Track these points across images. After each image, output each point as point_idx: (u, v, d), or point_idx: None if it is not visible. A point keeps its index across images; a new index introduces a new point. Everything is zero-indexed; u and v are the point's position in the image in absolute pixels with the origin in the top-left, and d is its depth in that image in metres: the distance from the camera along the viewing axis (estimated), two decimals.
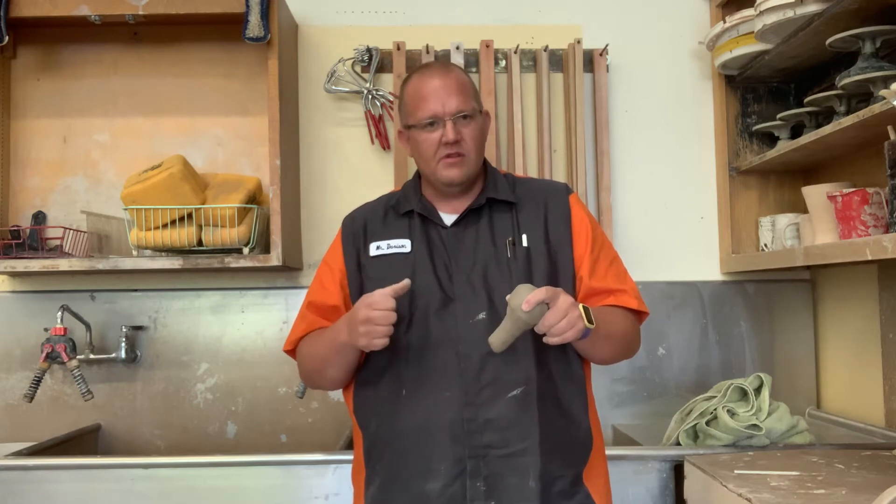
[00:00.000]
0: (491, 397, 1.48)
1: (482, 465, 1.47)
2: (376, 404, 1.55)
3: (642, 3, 2.61)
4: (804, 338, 2.53)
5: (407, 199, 1.66)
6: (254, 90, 2.51)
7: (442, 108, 1.54)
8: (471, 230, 1.60)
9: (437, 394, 1.49)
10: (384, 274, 1.57)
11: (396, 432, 1.51)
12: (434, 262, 1.58)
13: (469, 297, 1.53)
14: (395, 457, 1.52)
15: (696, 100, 2.59)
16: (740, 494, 1.48)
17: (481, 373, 1.49)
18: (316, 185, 2.56)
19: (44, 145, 2.51)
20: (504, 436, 1.47)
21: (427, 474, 1.48)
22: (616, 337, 1.53)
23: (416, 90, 1.58)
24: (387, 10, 2.59)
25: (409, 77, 1.63)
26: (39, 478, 1.87)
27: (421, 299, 1.54)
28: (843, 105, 2.03)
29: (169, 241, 2.26)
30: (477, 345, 1.49)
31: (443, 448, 1.47)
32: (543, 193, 1.66)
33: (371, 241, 1.64)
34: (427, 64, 1.68)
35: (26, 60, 2.52)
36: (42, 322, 2.44)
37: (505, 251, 1.57)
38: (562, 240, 1.60)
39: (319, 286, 1.66)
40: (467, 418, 1.47)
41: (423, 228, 1.62)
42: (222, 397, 2.50)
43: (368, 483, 1.56)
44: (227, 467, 1.88)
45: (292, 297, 2.52)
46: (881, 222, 1.81)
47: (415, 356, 1.52)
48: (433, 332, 1.52)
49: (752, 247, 2.50)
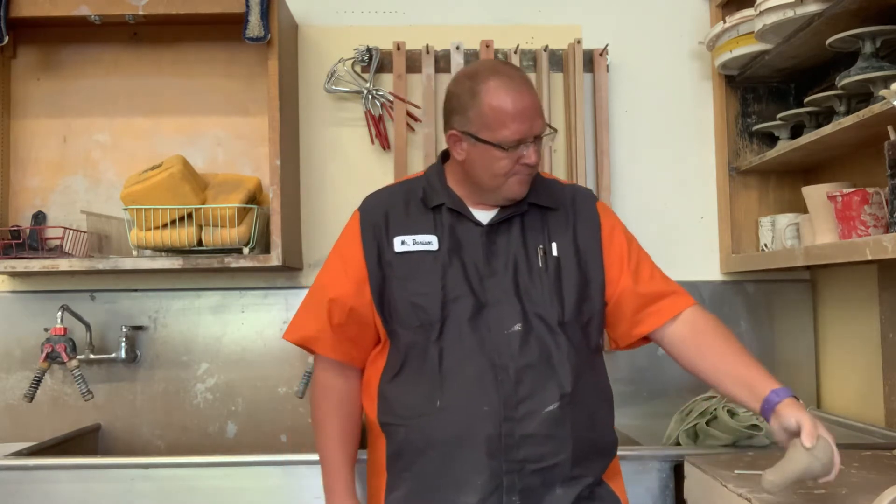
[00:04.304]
0: (528, 412, 1.45)
1: (517, 479, 1.45)
2: (406, 411, 1.50)
3: (642, 3, 2.61)
4: (804, 338, 2.53)
5: (433, 191, 1.57)
6: (254, 90, 2.51)
7: (530, 131, 1.46)
8: (503, 232, 1.54)
9: (475, 407, 1.45)
10: (411, 273, 1.51)
11: (429, 443, 1.47)
12: (464, 262, 1.51)
13: (503, 305, 1.49)
14: (426, 467, 1.48)
15: (696, 100, 2.59)
16: (740, 494, 1.48)
17: (518, 386, 1.45)
18: (316, 185, 2.56)
19: (44, 145, 2.51)
20: (539, 451, 1.45)
21: (462, 487, 1.45)
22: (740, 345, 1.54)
23: (502, 104, 1.44)
24: (387, 10, 2.59)
25: (483, 80, 1.46)
26: (39, 478, 1.87)
27: (453, 304, 1.48)
28: (843, 105, 2.03)
29: (169, 241, 2.26)
30: (513, 356, 1.46)
31: (479, 462, 1.44)
32: (571, 199, 1.62)
33: (394, 234, 1.54)
34: (506, 71, 1.49)
35: (26, 60, 2.51)
36: (42, 322, 2.44)
37: (536, 259, 1.52)
38: (591, 250, 1.57)
39: (336, 280, 1.56)
40: (505, 433, 1.44)
41: (451, 225, 1.54)
42: (222, 397, 2.50)
43: (391, 489, 1.52)
44: (227, 467, 1.88)
45: (292, 297, 2.52)
46: (881, 222, 1.81)
47: (449, 365, 1.47)
48: (467, 340, 1.47)
49: (752, 247, 2.50)
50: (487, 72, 1.48)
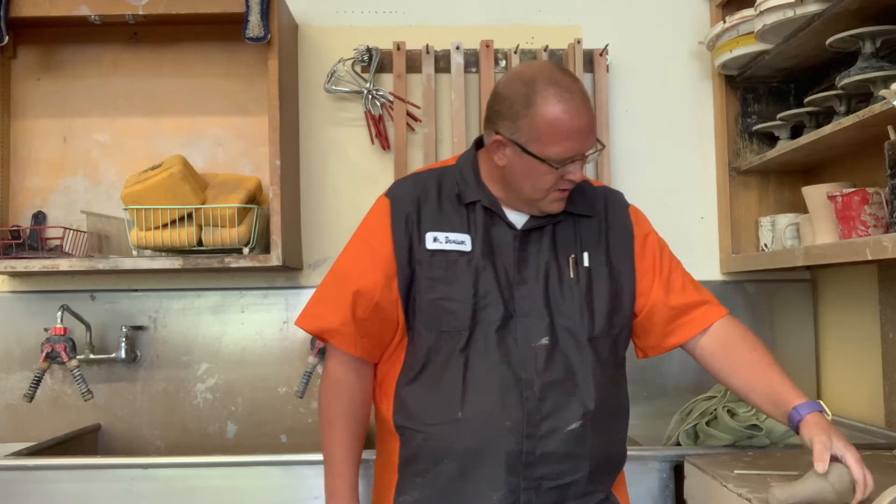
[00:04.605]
0: (550, 430, 1.42)
1: (534, 496, 1.43)
2: (425, 416, 1.45)
3: (642, 4, 2.61)
4: (804, 338, 2.53)
5: (467, 185, 1.49)
6: (254, 90, 2.51)
7: (581, 150, 1.39)
8: (535, 238, 1.48)
9: (498, 422, 1.41)
10: (443, 275, 1.44)
11: (447, 453, 1.44)
12: (496, 267, 1.45)
13: (532, 317, 1.44)
14: (441, 476, 1.45)
15: (696, 100, 2.59)
16: (740, 494, 1.48)
17: (542, 403, 1.42)
18: (316, 185, 2.56)
19: (44, 145, 2.51)
20: (558, 469, 1.43)
21: (478, 500, 1.42)
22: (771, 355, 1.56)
23: (558, 122, 1.36)
24: (387, 10, 2.59)
25: (542, 91, 1.37)
26: (39, 478, 1.87)
27: (483, 312, 1.43)
28: (843, 105, 2.03)
29: (169, 241, 2.26)
30: (538, 371, 1.42)
31: (497, 477, 1.42)
32: (603, 204, 1.57)
33: (426, 229, 1.46)
34: (565, 83, 1.39)
35: (26, 60, 2.51)
36: (42, 322, 2.44)
37: (567, 269, 1.48)
38: (623, 259, 1.54)
39: (363, 271, 1.46)
40: (526, 451, 1.42)
41: (485, 225, 1.47)
42: (222, 397, 2.50)
43: (402, 491, 1.49)
44: (227, 467, 1.88)
45: (292, 297, 2.52)
46: (881, 222, 1.81)
47: (474, 376, 1.43)
48: (494, 351, 1.42)
49: (752, 247, 2.50)
50: (545, 81, 1.38)
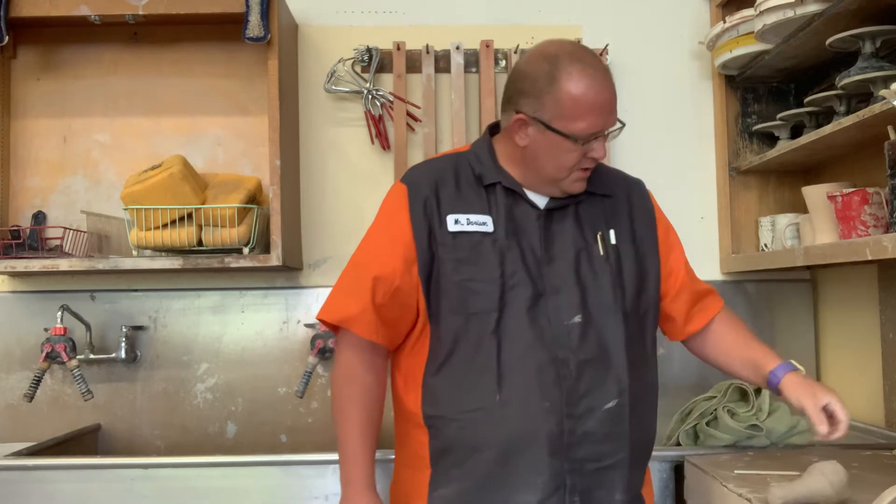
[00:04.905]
0: (588, 409, 1.40)
1: (578, 479, 1.40)
2: (459, 404, 1.41)
3: (642, 3, 2.61)
4: (804, 338, 2.53)
5: (485, 168, 1.48)
6: (254, 90, 2.51)
7: (605, 125, 1.39)
8: (559, 217, 1.47)
9: (537, 403, 1.38)
10: (468, 256, 1.41)
11: (486, 439, 1.40)
12: (521, 247, 1.42)
13: (563, 294, 1.42)
14: (480, 465, 1.40)
15: (696, 100, 2.59)
16: (740, 494, 1.48)
17: (578, 382, 1.39)
18: (316, 185, 2.56)
19: (44, 145, 2.51)
20: (598, 449, 1.41)
21: (521, 487, 1.39)
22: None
23: (582, 96, 1.36)
24: (387, 10, 2.59)
25: (566, 66, 1.37)
26: (39, 478, 1.87)
27: (511, 291, 1.40)
28: (843, 105, 2.03)
29: (169, 241, 2.26)
30: (573, 349, 1.40)
31: (540, 461, 1.39)
32: (626, 186, 1.57)
33: (446, 211, 1.44)
34: (589, 59, 1.40)
35: (26, 60, 2.51)
36: (42, 322, 2.44)
37: (596, 247, 1.46)
38: (647, 240, 1.53)
39: (381, 257, 1.44)
40: (568, 431, 1.39)
41: (507, 206, 1.45)
42: (222, 397, 2.50)
43: (437, 485, 1.44)
44: (227, 467, 1.88)
45: (292, 297, 2.52)
46: (881, 222, 1.81)
47: (509, 358, 1.39)
48: (527, 331, 1.40)
49: (752, 247, 2.50)
50: (568, 57, 1.38)
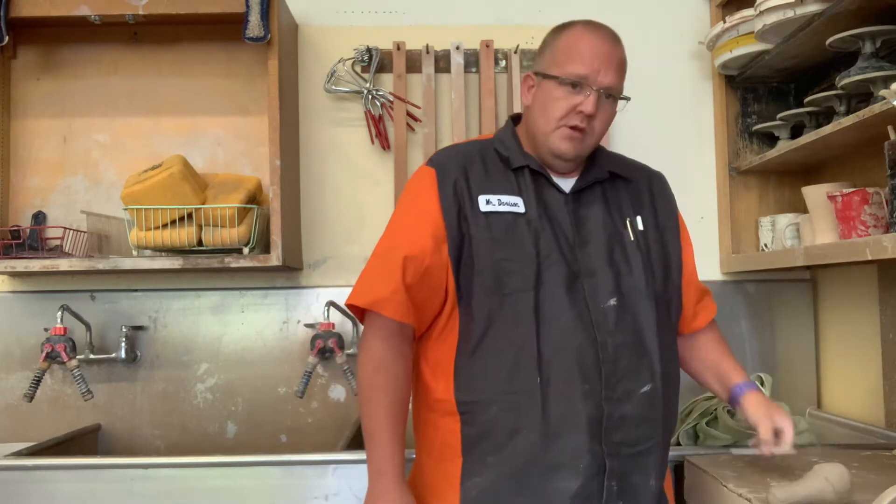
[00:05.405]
0: (625, 392, 1.39)
1: (616, 463, 1.38)
2: (498, 386, 1.38)
3: (642, 4, 2.61)
4: (804, 338, 2.53)
5: (511, 152, 1.49)
6: (254, 90, 2.51)
7: (595, 75, 1.40)
8: (586, 201, 1.48)
9: (577, 385, 1.36)
10: (501, 235, 1.40)
11: (527, 422, 1.37)
12: (554, 229, 1.43)
13: (598, 276, 1.42)
14: (520, 449, 1.37)
15: (696, 100, 2.59)
16: (740, 494, 1.48)
17: (616, 364, 1.39)
18: (316, 185, 2.56)
19: (44, 145, 2.51)
20: (634, 433, 1.40)
21: (562, 471, 1.36)
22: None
23: (577, 42, 1.42)
24: (387, 10, 2.59)
25: (569, 25, 1.46)
26: (39, 478, 1.87)
27: (547, 272, 1.39)
28: (843, 105, 2.03)
29: (169, 241, 2.26)
30: (610, 332, 1.39)
31: (580, 444, 1.36)
32: (646, 175, 1.60)
33: (477, 192, 1.43)
34: (597, 24, 1.48)
35: (26, 60, 2.51)
36: (42, 322, 2.44)
37: (627, 231, 1.48)
38: (670, 229, 1.55)
39: (411, 237, 1.42)
40: (607, 414, 1.37)
41: (535, 188, 1.45)
42: (222, 397, 2.50)
43: (471, 474, 1.41)
44: (227, 467, 1.88)
45: (292, 297, 2.52)
46: (881, 222, 1.81)
47: (548, 338, 1.37)
48: (566, 312, 1.38)
49: (752, 247, 2.50)
50: (579, 21, 1.47)
